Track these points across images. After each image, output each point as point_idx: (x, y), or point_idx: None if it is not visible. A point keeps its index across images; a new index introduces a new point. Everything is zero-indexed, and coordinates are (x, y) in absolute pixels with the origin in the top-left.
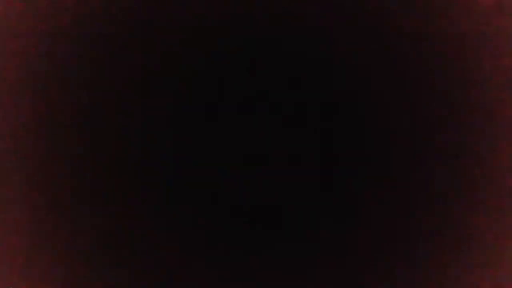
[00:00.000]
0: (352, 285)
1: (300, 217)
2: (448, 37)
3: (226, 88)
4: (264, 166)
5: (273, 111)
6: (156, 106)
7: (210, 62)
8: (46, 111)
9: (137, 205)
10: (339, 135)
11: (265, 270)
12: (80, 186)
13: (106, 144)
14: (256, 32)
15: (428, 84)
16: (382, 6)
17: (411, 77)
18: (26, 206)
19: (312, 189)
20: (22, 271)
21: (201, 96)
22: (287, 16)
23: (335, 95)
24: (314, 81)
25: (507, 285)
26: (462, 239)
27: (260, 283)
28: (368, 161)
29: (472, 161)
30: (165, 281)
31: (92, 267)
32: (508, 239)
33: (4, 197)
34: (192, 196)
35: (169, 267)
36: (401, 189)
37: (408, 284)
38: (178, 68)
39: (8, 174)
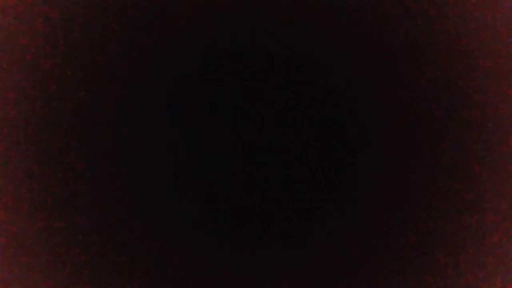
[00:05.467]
0: (350, 284)
1: (300, 217)
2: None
3: (225, 87)
4: (263, 165)
5: (272, 111)
6: (156, 105)
7: (209, 61)
8: (45, 111)
9: (137, 205)
10: (339, 134)
11: (264, 269)
12: (78, 186)
13: (105, 144)
14: (256, 32)
15: (429, 84)
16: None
17: (412, 77)
18: (25, 206)
19: (312, 188)
20: (22, 271)
21: (201, 95)
22: (287, 16)
23: (335, 94)
24: (314, 81)
25: (507, 286)
26: (461, 240)
27: (260, 283)
28: (368, 161)
29: (472, 160)
30: (165, 281)
31: (92, 267)
32: (508, 240)
33: (4, 197)
34: (191, 196)
35: (169, 267)
36: (401, 188)
37: (407, 284)
38: (177, 68)
39: (8, 173)
